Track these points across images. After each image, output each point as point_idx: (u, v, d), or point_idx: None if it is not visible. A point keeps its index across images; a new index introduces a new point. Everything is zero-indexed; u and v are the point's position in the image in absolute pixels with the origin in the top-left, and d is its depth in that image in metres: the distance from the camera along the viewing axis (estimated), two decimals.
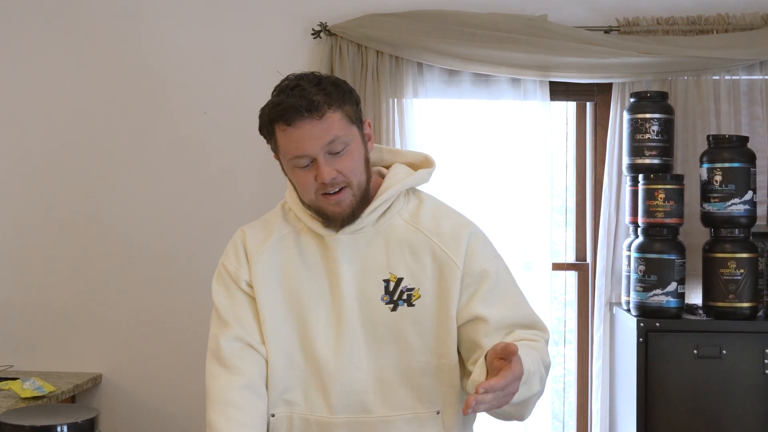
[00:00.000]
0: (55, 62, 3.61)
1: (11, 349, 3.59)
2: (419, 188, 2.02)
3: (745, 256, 3.06)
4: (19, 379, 3.23)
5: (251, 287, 1.94)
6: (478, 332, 1.88)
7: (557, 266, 3.62)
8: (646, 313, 3.08)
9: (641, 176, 3.18)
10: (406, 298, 1.89)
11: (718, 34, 3.44)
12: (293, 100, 1.81)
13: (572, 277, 3.69)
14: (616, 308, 3.41)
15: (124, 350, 3.60)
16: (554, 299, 3.64)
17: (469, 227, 1.95)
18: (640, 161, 3.26)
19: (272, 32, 3.56)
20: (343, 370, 1.89)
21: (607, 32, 3.48)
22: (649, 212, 3.13)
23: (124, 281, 3.60)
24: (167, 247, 3.59)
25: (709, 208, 3.11)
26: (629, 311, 3.19)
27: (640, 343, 3.04)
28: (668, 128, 3.27)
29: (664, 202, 3.11)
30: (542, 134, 3.49)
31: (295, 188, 1.93)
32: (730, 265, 3.06)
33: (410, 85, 3.47)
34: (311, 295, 1.91)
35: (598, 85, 3.55)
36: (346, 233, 1.90)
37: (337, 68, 3.42)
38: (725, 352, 3.01)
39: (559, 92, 3.55)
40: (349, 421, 1.89)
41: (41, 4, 3.60)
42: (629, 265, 3.22)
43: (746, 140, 3.13)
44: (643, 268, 3.10)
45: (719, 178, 3.08)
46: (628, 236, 3.39)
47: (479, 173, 3.59)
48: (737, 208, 3.06)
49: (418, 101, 3.50)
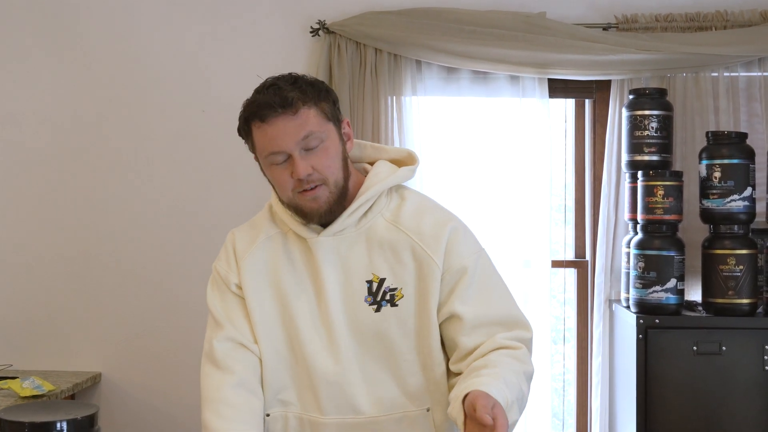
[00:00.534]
0: (50, 61, 3.60)
1: (11, 348, 3.59)
2: (404, 184, 2.01)
3: (744, 252, 3.06)
4: (18, 378, 3.23)
5: (240, 289, 1.96)
6: (455, 331, 1.88)
7: (556, 263, 3.62)
8: (645, 309, 3.08)
9: (640, 173, 3.18)
10: (389, 298, 1.89)
11: (716, 30, 3.44)
12: (267, 97, 1.83)
13: (571, 274, 3.69)
14: (615, 305, 3.41)
15: (123, 349, 3.59)
16: (553, 297, 3.63)
17: (450, 222, 1.93)
18: (639, 158, 3.26)
19: (270, 30, 3.56)
20: (331, 371, 1.89)
21: (605, 29, 3.48)
22: (648, 209, 3.13)
23: (123, 280, 3.60)
24: (165, 245, 3.59)
25: (708, 204, 3.11)
26: (629, 308, 3.19)
27: (639, 339, 3.04)
28: (667, 125, 3.27)
29: (663, 198, 3.11)
30: (541, 131, 3.49)
31: (274, 188, 1.93)
32: (729, 261, 3.06)
33: (409, 82, 3.47)
34: (298, 296, 1.92)
35: (596, 82, 3.55)
36: (327, 235, 1.90)
37: (335, 66, 3.42)
38: (725, 348, 3.01)
39: (557, 89, 3.55)
40: (339, 422, 1.90)
41: (36, 2, 3.60)
42: (628, 261, 3.22)
43: (745, 137, 3.13)
44: (642, 264, 3.10)
45: (718, 174, 3.08)
46: (627, 233, 3.39)
47: (478, 170, 3.59)
48: (736, 204, 3.06)
49: (416, 99, 3.49)
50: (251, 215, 3.43)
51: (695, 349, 3.02)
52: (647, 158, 3.25)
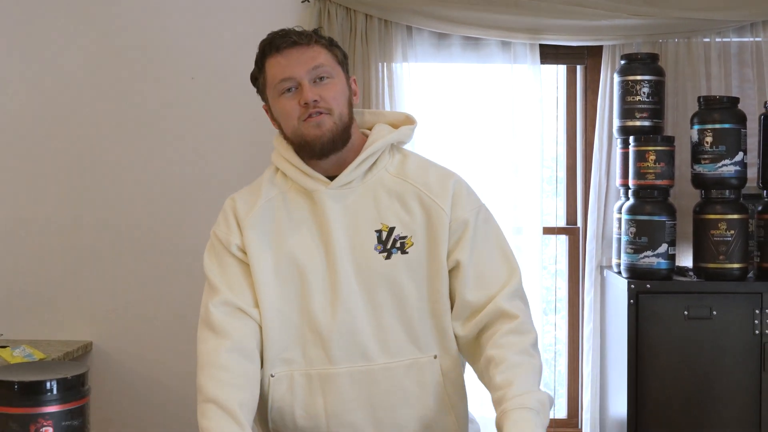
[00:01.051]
0: (37, 27, 3.56)
1: (1, 317, 3.57)
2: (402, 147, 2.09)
3: (735, 217, 3.06)
4: (8, 347, 3.23)
5: (243, 252, 1.97)
6: (456, 281, 1.95)
7: (548, 230, 3.61)
8: (636, 275, 3.09)
9: (632, 138, 3.18)
10: (399, 246, 1.95)
11: None
12: (284, 30, 1.96)
13: (563, 241, 3.69)
14: (606, 271, 3.42)
15: (114, 318, 3.59)
16: (544, 268, 3.63)
17: (453, 176, 2.01)
18: (630, 123, 3.25)
19: None
20: (341, 320, 1.92)
21: None
22: (639, 174, 3.13)
23: (113, 249, 3.58)
24: (156, 214, 3.58)
25: (699, 169, 3.10)
26: (620, 274, 3.19)
27: (630, 305, 3.04)
28: (659, 90, 3.26)
29: (654, 164, 3.11)
30: (532, 97, 3.47)
31: (281, 130, 2.00)
32: (720, 226, 3.06)
33: (399, 49, 3.45)
34: (304, 251, 1.95)
35: (588, 47, 3.54)
36: (334, 187, 1.95)
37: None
38: (715, 313, 3.02)
39: (549, 55, 3.53)
40: (350, 370, 1.93)
41: None
42: (620, 227, 3.22)
43: (737, 101, 3.12)
44: (633, 230, 3.10)
45: (710, 139, 3.07)
46: (618, 199, 3.39)
47: (469, 137, 3.57)
48: (728, 169, 3.06)
49: (407, 65, 3.47)
50: (242, 182, 3.41)
51: (686, 313, 3.02)
52: (639, 124, 3.24)
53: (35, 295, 3.59)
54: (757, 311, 3.01)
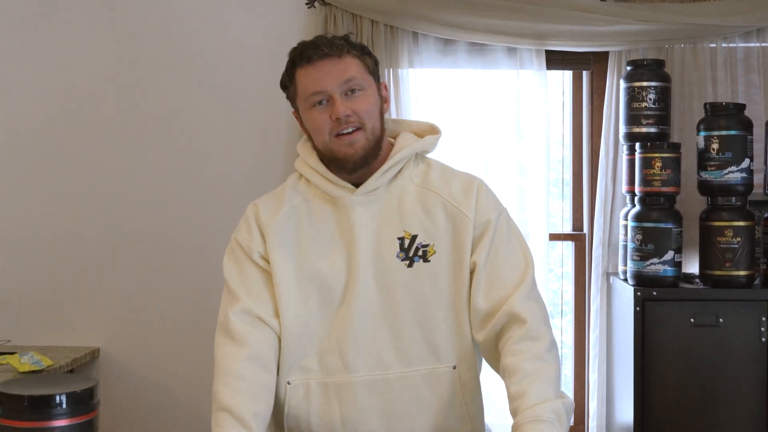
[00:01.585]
0: (45, 34, 3.57)
1: (9, 323, 3.58)
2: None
3: (741, 224, 3.06)
4: (17, 353, 3.23)
5: (265, 259, 1.97)
6: (473, 284, 1.94)
7: (554, 237, 3.61)
8: (643, 282, 3.09)
9: (638, 145, 3.17)
10: (421, 254, 1.95)
11: (714, 1, 3.42)
12: (314, 41, 1.94)
13: (569, 247, 3.69)
14: (613, 278, 3.42)
15: (121, 324, 3.59)
16: (551, 271, 3.63)
17: (476, 181, 2.02)
18: (636, 130, 3.25)
19: (266, 2, 3.53)
20: (359, 328, 1.93)
21: (603, 0, 3.45)
22: (645, 181, 3.13)
23: (121, 255, 3.59)
24: (163, 220, 3.58)
25: (706, 176, 3.10)
26: (626, 280, 3.19)
27: (637, 312, 3.04)
28: (665, 96, 3.26)
29: (660, 170, 3.11)
30: (538, 103, 3.48)
31: (310, 139, 1.99)
32: (726, 233, 3.06)
33: (405, 54, 3.45)
34: (326, 259, 1.95)
35: (594, 53, 3.53)
36: (360, 194, 1.95)
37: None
38: (722, 320, 3.02)
39: (555, 61, 3.53)
40: (367, 378, 1.93)
41: None
42: (626, 234, 3.21)
43: (743, 108, 3.12)
44: (640, 237, 3.10)
45: (716, 146, 3.07)
46: (624, 205, 3.38)
47: (476, 143, 3.57)
48: (734, 176, 3.06)
49: (413, 71, 3.47)
50: (248, 189, 3.46)
51: (692, 321, 3.02)
52: (645, 130, 3.24)
53: (43, 301, 3.60)
54: (763, 318, 3.01)
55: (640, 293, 3.04)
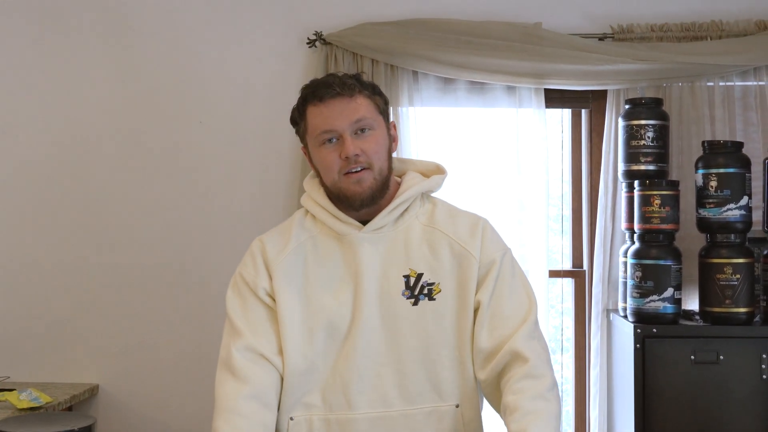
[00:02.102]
0: (49, 70, 3.60)
1: (8, 360, 3.58)
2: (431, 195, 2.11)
3: (741, 261, 3.06)
4: (15, 390, 3.22)
5: (271, 296, 1.97)
6: (475, 323, 1.95)
7: (554, 273, 3.62)
8: (642, 319, 3.09)
9: (637, 182, 3.19)
10: (426, 292, 1.96)
11: (712, 40, 3.45)
12: (327, 79, 1.97)
13: (569, 284, 3.69)
14: (613, 315, 3.41)
15: (120, 361, 3.59)
16: (552, 307, 3.63)
17: (481, 220, 2.04)
18: (635, 167, 3.27)
19: (268, 41, 3.57)
20: (363, 366, 1.93)
21: (601, 39, 3.49)
22: (645, 218, 3.14)
23: (120, 292, 3.59)
24: (163, 256, 3.59)
25: (704, 213, 3.11)
26: (626, 317, 3.19)
27: (637, 349, 3.04)
28: (663, 134, 3.28)
29: (659, 208, 3.12)
30: (538, 141, 3.50)
31: (319, 175, 2.00)
32: (726, 270, 3.06)
33: (405, 93, 3.48)
34: (332, 297, 1.95)
35: (592, 92, 3.56)
36: (367, 231, 1.96)
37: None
38: (722, 357, 3.01)
39: (554, 99, 3.55)
40: (370, 416, 1.93)
41: (38, 10, 3.60)
42: (626, 271, 3.22)
43: (741, 146, 3.14)
44: (639, 274, 3.11)
45: (714, 183, 3.08)
46: (624, 243, 3.39)
47: (475, 181, 3.59)
48: (733, 213, 3.07)
49: (413, 109, 3.50)
50: (249, 226, 3.47)
51: (693, 358, 3.02)
52: (644, 168, 3.25)
53: (41, 337, 3.59)
54: (764, 355, 3.00)
55: (640, 330, 3.04)
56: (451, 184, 3.47)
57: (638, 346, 3.04)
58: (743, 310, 3.05)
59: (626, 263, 3.20)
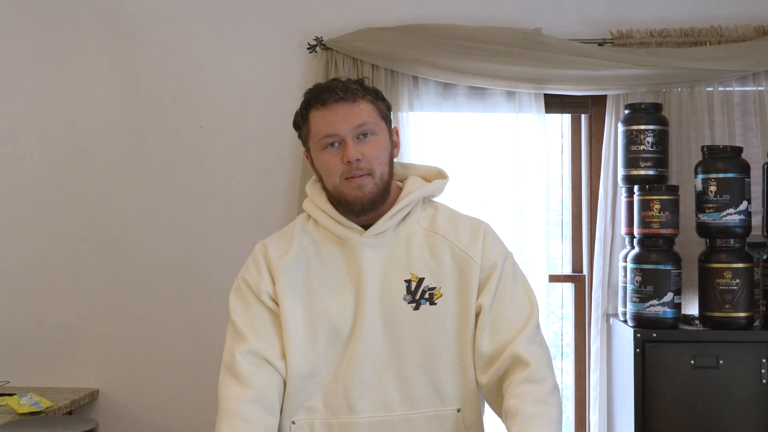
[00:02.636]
0: (51, 75, 3.61)
1: (8, 364, 3.58)
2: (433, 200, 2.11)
3: (740, 266, 3.07)
4: (16, 394, 3.23)
5: (274, 300, 1.98)
6: (477, 327, 1.95)
7: (554, 278, 3.62)
8: (642, 323, 3.09)
9: (636, 187, 3.20)
10: (428, 297, 1.96)
11: (711, 45, 3.46)
12: (330, 84, 1.97)
13: (569, 289, 3.70)
14: (612, 319, 3.42)
15: (121, 365, 3.59)
16: (552, 312, 3.64)
17: (483, 225, 2.05)
18: (635, 172, 3.27)
19: (268, 46, 3.58)
20: (365, 370, 1.93)
21: (601, 45, 3.50)
22: (644, 223, 3.14)
23: (120, 296, 3.60)
24: (164, 261, 3.59)
25: (704, 218, 3.12)
26: (626, 322, 3.19)
27: (637, 353, 3.04)
28: (663, 139, 3.28)
29: (659, 212, 3.13)
30: (537, 146, 3.51)
31: (321, 180, 2.00)
32: (726, 275, 3.07)
33: (406, 98, 3.49)
34: (334, 301, 1.96)
35: (592, 97, 3.57)
36: (369, 236, 1.97)
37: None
38: (722, 362, 3.01)
39: (553, 104, 3.56)
40: (371, 420, 1.94)
41: (39, 17, 3.61)
42: (625, 276, 3.23)
43: (740, 151, 3.15)
44: (639, 278, 3.11)
45: (714, 188, 3.09)
46: (624, 247, 3.40)
47: (475, 186, 3.60)
48: (732, 218, 3.08)
49: (413, 114, 3.51)
50: (250, 230, 3.48)
51: (693, 362, 3.02)
52: (643, 173, 3.26)
53: (42, 342, 3.60)
54: (763, 360, 3.01)
55: (639, 335, 3.05)
56: (451, 189, 3.50)
57: (638, 350, 3.04)
58: (743, 314, 3.06)
59: (626, 268, 3.21)
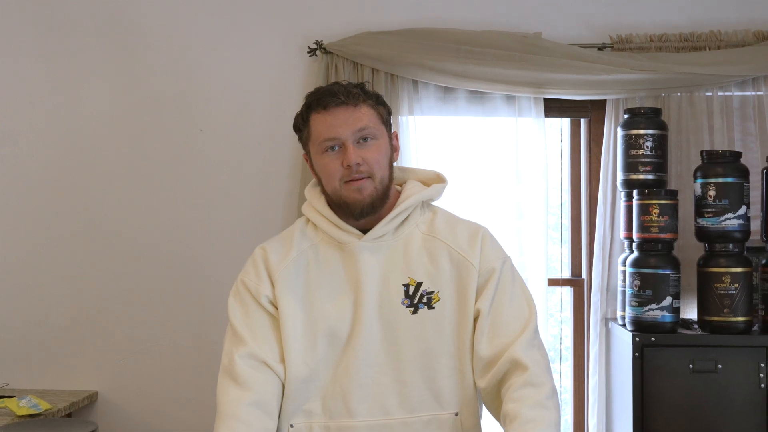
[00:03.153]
0: (52, 78, 3.62)
1: (7, 366, 3.58)
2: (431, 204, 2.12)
3: (739, 270, 3.07)
4: (15, 396, 3.23)
5: (273, 304, 1.98)
6: (475, 331, 1.95)
7: (553, 282, 3.63)
8: (641, 327, 3.09)
9: (635, 192, 3.20)
10: (426, 301, 1.96)
11: (710, 50, 3.47)
12: (331, 88, 1.97)
13: (568, 292, 3.70)
14: (611, 323, 3.42)
15: (120, 368, 3.59)
16: (550, 316, 3.64)
17: (481, 229, 2.05)
18: (634, 177, 3.28)
19: (268, 50, 3.58)
20: (363, 374, 1.94)
21: (600, 49, 3.51)
22: (643, 227, 3.15)
23: (120, 298, 3.60)
24: (163, 264, 3.60)
25: (703, 223, 3.12)
26: (625, 326, 3.20)
27: (635, 357, 3.04)
28: (662, 144, 3.29)
29: (658, 217, 3.13)
30: (537, 150, 3.51)
31: (320, 183, 2.01)
32: (724, 279, 3.07)
33: (406, 102, 3.49)
34: (333, 305, 1.96)
35: (592, 101, 3.58)
36: (368, 240, 1.97)
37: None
38: (721, 366, 3.02)
39: (553, 109, 3.57)
40: (369, 423, 1.94)
41: (40, 19, 3.62)
42: (624, 280, 3.23)
43: (739, 155, 3.15)
44: (638, 283, 3.11)
45: (713, 193, 3.10)
46: (623, 251, 3.40)
47: (475, 189, 3.60)
48: (731, 222, 3.08)
49: (413, 118, 3.51)
50: (250, 233, 3.48)
51: (691, 367, 3.03)
52: (642, 177, 3.27)
53: (41, 344, 3.60)
54: (762, 364, 3.01)
55: (638, 339, 3.05)
56: (450, 192, 3.49)
57: (637, 354, 3.04)
58: (741, 319, 3.06)
59: (625, 272, 3.21)
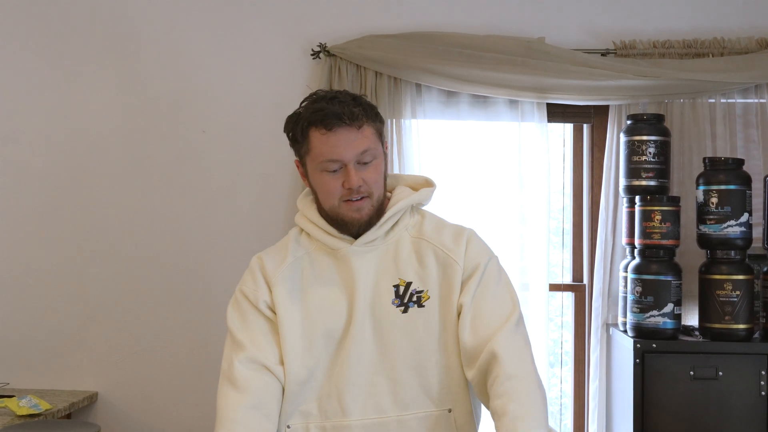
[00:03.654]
0: (54, 78, 3.62)
1: (7, 366, 3.58)
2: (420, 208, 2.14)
3: (741, 277, 3.07)
4: (15, 396, 3.23)
5: (271, 309, 2.01)
6: (459, 323, 1.97)
7: (554, 287, 3.63)
8: (642, 334, 3.09)
9: (638, 198, 3.20)
10: (416, 299, 2.00)
11: (713, 57, 3.47)
12: (335, 107, 1.94)
13: (569, 298, 3.70)
14: (612, 329, 3.42)
15: (120, 368, 3.59)
16: (551, 320, 3.64)
17: (466, 230, 2.08)
18: (636, 183, 3.28)
19: (272, 53, 3.58)
20: (357, 373, 1.96)
21: (604, 55, 3.51)
22: (645, 234, 3.15)
23: (120, 299, 3.60)
24: (164, 265, 3.60)
25: (705, 229, 3.12)
26: (626, 332, 3.19)
27: (636, 364, 3.05)
28: (664, 150, 3.29)
29: (660, 223, 3.13)
30: (539, 155, 3.51)
31: (316, 196, 2.03)
32: (726, 286, 3.07)
33: (408, 105, 3.49)
34: (329, 307, 2.00)
35: (595, 107, 3.58)
36: (359, 245, 2.00)
37: (335, 89, 3.44)
38: (721, 373, 3.02)
39: (556, 114, 3.57)
40: (364, 422, 1.97)
41: (42, 20, 3.62)
42: (626, 286, 3.23)
43: (742, 163, 3.15)
44: (639, 289, 3.11)
45: (715, 200, 3.10)
46: (624, 257, 3.40)
47: (477, 194, 3.61)
48: (733, 230, 3.08)
49: (416, 122, 3.51)
50: (251, 234, 3.49)
51: (692, 374, 3.03)
52: (645, 183, 3.27)
53: (41, 345, 3.60)
54: (763, 372, 3.01)
55: (639, 345, 3.05)
56: (452, 196, 3.53)
57: (638, 361, 3.04)
58: (743, 326, 3.06)
59: (626, 278, 3.21)
